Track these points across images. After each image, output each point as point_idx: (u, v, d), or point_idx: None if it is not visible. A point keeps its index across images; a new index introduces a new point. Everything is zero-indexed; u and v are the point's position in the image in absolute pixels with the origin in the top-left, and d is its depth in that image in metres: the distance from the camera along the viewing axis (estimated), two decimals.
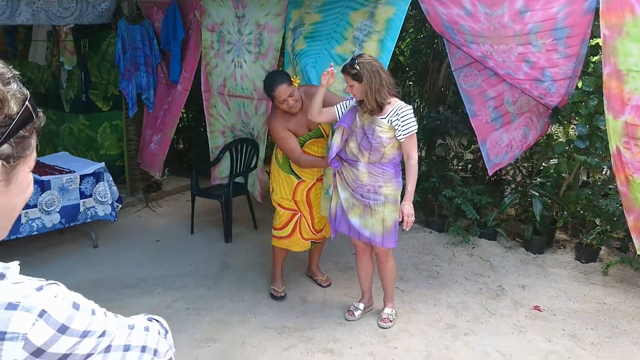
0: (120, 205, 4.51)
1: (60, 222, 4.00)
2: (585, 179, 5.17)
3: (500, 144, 4.29)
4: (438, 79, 5.40)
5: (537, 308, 3.45)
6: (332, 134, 3.12)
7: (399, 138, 2.83)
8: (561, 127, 4.84)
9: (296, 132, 3.28)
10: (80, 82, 5.46)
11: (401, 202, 2.94)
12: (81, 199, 4.09)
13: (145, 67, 5.04)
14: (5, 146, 0.67)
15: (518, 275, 3.93)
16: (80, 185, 4.07)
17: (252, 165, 4.61)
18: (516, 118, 4.20)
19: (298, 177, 3.41)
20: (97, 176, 4.20)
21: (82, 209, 4.11)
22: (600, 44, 3.99)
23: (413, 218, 2.88)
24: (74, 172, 4.10)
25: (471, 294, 3.63)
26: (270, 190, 3.56)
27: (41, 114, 0.73)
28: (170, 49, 4.89)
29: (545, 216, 4.31)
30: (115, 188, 4.38)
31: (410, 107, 2.86)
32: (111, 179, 4.34)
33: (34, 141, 0.73)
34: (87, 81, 5.44)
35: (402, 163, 2.98)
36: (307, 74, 3.54)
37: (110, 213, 4.28)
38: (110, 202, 4.27)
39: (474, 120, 4.09)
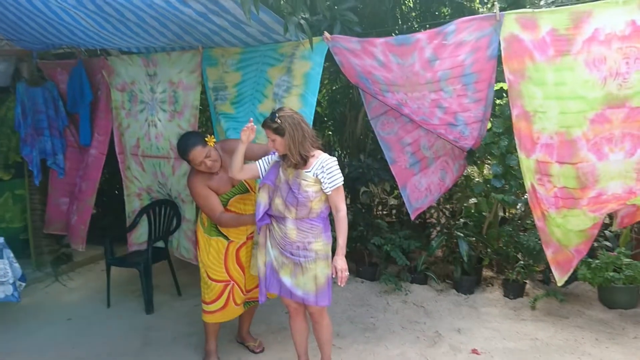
0: (24, 284, 4.04)
1: None
2: (502, 215, 5.37)
3: (420, 188, 4.36)
4: (356, 128, 5.50)
5: (474, 351, 3.42)
6: (259, 190, 2.99)
7: (325, 191, 2.76)
8: (476, 168, 5.04)
9: (218, 190, 3.12)
10: None
11: (333, 256, 2.84)
12: None
13: (50, 131, 4.72)
14: None
15: (452, 319, 3.91)
16: None
17: (171, 228, 4.35)
18: (433, 162, 4.31)
19: (227, 238, 3.20)
20: None
21: None
22: (504, 88, 4.26)
23: (347, 273, 2.77)
24: None
25: (409, 344, 3.54)
26: (198, 260, 3.31)
27: None
28: (78, 111, 4.62)
29: (471, 256, 4.39)
30: (17, 265, 3.92)
31: (335, 159, 2.81)
32: (12, 255, 3.88)
33: None
34: None
35: (330, 216, 2.91)
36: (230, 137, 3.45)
37: (12, 294, 3.81)
38: (11, 282, 3.81)
39: (394, 167, 4.14)
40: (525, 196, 4.45)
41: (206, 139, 3.04)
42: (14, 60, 4.71)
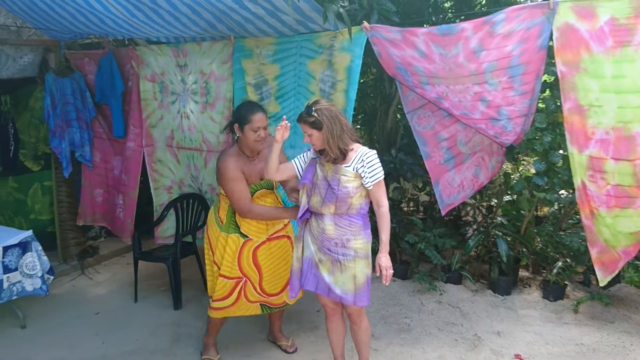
0: (52, 277, 4.00)
1: None
2: (536, 213, 5.17)
3: (453, 184, 4.22)
4: (387, 122, 5.34)
5: (518, 357, 3.27)
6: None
7: (366, 186, 2.63)
8: (511, 165, 4.85)
9: (249, 179, 2.99)
10: (8, 141, 4.94)
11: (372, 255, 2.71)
12: (5, 273, 3.57)
13: (78, 123, 4.68)
14: None
15: (491, 321, 3.75)
16: (3, 258, 3.57)
17: (199, 223, 4.27)
18: (468, 158, 4.15)
19: (244, 235, 3.05)
20: (23, 246, 3.71)
21: (5, 285, 3.58)
22: (548, 80, 4.07)
23: (392, 271, 2.65)
24: None
25: (448, 347, 3.40)
26: (210, 256, 3.16)
27: None
28: (108, 102, 4.57)
29: (509, 255, 4.22)
30: (45, 258, 3.88)
31: (375, 152, 2.68)
32: (40, 248, 3.85)
33: None
34: (15, 140, 4.94)
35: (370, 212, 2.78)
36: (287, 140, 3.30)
37: (41, 287, 3.77)
38: (40, 275, 3.77)
39: (428, 162, 4.00)
40: (564, 194, 4.29)
41: None
42: (41, 51, 4.66)
